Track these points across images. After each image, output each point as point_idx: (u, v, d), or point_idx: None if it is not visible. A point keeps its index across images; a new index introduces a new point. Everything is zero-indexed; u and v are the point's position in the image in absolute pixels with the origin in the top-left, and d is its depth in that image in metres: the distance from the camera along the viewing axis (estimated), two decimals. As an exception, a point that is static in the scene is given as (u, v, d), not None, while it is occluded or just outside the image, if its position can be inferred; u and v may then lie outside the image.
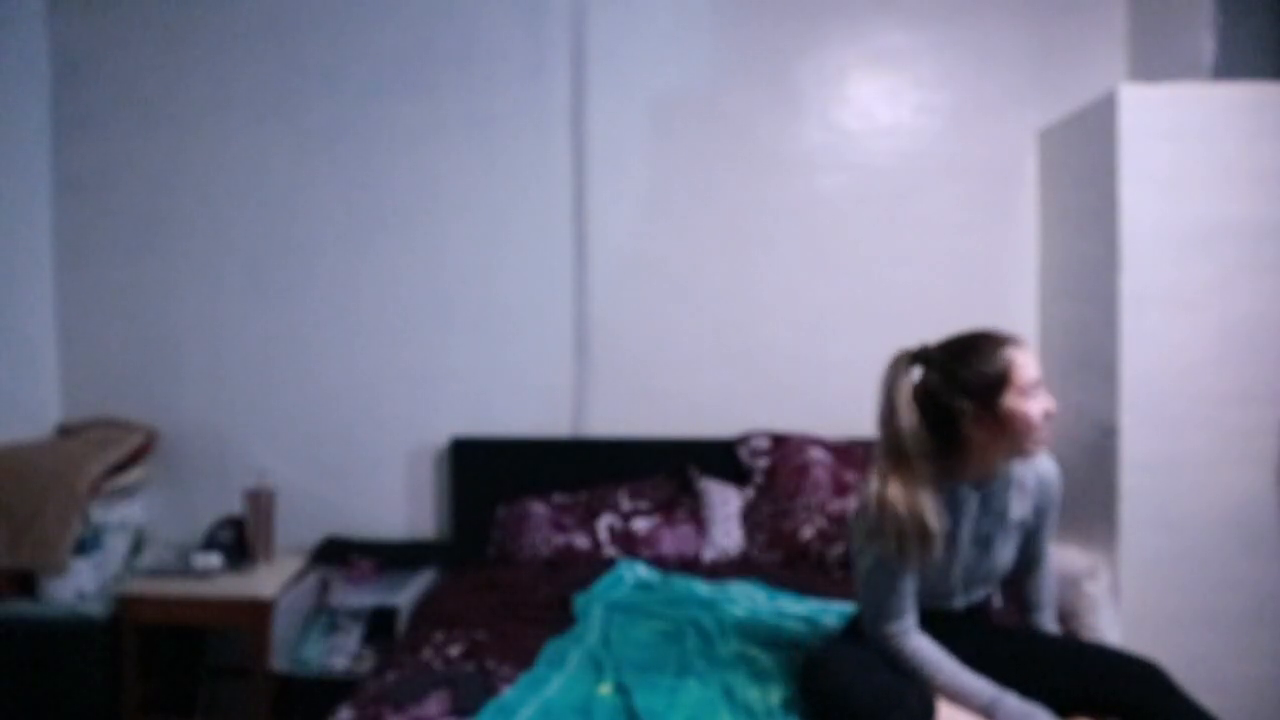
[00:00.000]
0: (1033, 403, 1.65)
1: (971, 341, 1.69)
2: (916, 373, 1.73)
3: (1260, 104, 2.41)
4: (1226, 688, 2.30)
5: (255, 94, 3.05)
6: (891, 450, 1.67)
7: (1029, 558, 1.88)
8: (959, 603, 1.84)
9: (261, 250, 3.07)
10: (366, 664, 2.49)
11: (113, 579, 2.75)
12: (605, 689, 1.85)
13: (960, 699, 1.67)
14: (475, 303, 3.04)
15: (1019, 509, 1.80)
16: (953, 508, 1.73)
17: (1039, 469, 1.83)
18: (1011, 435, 1.66)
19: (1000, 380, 1.65)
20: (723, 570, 2.62)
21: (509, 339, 3.04)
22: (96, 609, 2.60)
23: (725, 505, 2.80)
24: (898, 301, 2.97)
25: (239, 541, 2.83)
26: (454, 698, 1.81)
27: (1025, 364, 1.65)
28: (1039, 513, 1.84)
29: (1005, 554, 1.82)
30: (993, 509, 1.77)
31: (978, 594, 1.86)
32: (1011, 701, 1.63)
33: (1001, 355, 1.66)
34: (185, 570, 2.72)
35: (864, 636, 1.80)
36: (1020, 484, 1.80)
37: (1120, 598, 2.43)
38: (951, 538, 1.74)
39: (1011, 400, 1.64)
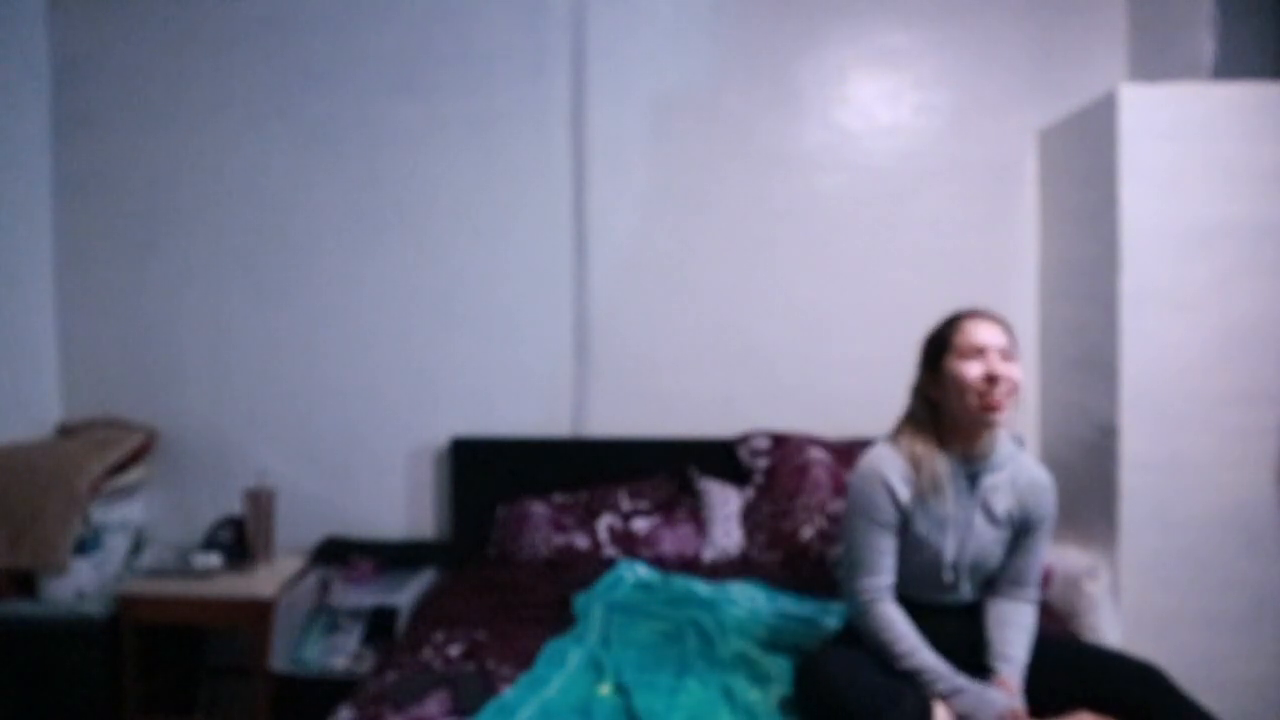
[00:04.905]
0: (968, 365, 1.74)
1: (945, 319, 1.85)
2: None
3: (1260, 104, 2.41)
4: (1226, 688, 2.30)
5: (255, 94, 3.05)
6: (907, 414, 1.87)
7: (1018, 574, 1.84)
8: (954, 595, 1.84)
9: (261, 250, 3.07)
10: (366, 664, 2.49)
11: (113, 579, 2.76)
12: (605, 689, 1.85)
13: (916, 675, 1.70)
14: (475, 302, 3.04)
15: (1004, 501, 1.81)
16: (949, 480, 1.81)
17: (1032, 472, 1.84)
18: (956, 396, 1.75)
19: (942, 345, 1.79)
20: (723, 570, 2.62)
21: (509, 339, 3.04)
22: (96, 609, 2.60)
23: (725, 505, 2.80)
24: (898, 301, 2.97)
25: (239, 541, 2.83)
26: (454, 698, 1.81)
27: (969, 330, 1.77)
28: (1029, 519, 1.82)
29: (993, 547, 1.82)
30: (978, 491, 1.80)
31: (970, 587, 1.86)
32: (962, 682, 1.67)
33: (949, 324, 1.81)
34: (185, 570, 2.72)
35: (860, 639, 1.81)
36: (1012, 480, 1.82)
37: (1120, 598, 2.43)
38: (942, 518, 1.78)
39: (950, 362, 1.76)
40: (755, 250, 3.01)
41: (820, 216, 3.00)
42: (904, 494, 1.78)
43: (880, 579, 1.79)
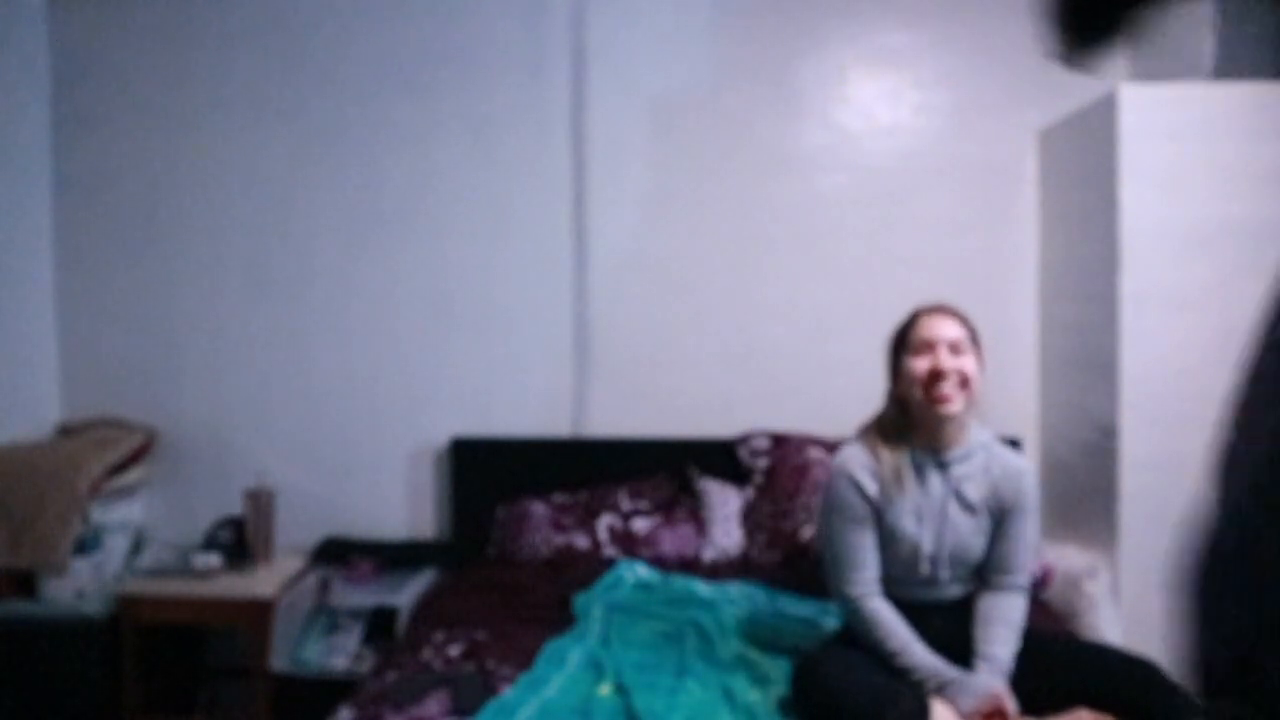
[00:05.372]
0: (917, 360, 1.81)
1: None
2: None
3: (1260, 104, 2.41)
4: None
5: (255, 94, 3.05)
6: (877, 413, 1.93)
7: (1001, 561, 1.84)
8: (938, 591, 1.85)
9: (261, 250, 3.07)
10: (366, 664, 2.49)
11: (112, 579, 2.75)
12: (605, 689, 1.85)
13: (908, 674, 1.72)
14: (475, 302, 3.04)
15: (978, 490, 1.83)
16: (915, 473, 1.84)
17: (1008, 460, 1.87)
18: (908, 390, 1.82)
19: (899, 342, 1.87)
20: (723, 570, 2.62)
21: (509, 339, 3.04)
22: (96, 609, 2.60)
23: (725, 505, 2.80)
24: (898, 301, 2.94)
25: (239, 541, 2.82)
26: (454, 698, 1.81)
27: (920, 326, 1.84)
28: (1006, 504, 1.83)
29: (973, 538, 1.83)
30: (949, 481, 1.83)
31: (955, 583, 1.86)
32: (950, 674, 1.69)
33: (908, 321, 1.89)
34: (185, 570, 2.72)
35: (858, 639, 1.81)
36: (985, 467, 1.85)
37: (1120, 598, 2.43)
38: (916, 509, 1.81)
39: (904, 358, 1.84)
40: (755, 250, 3.01)
41: (820, 216, 3.00)
42: (871, 487, 1.82)
43: (863, 573, 1.82)
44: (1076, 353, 2.71)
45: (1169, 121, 2.41)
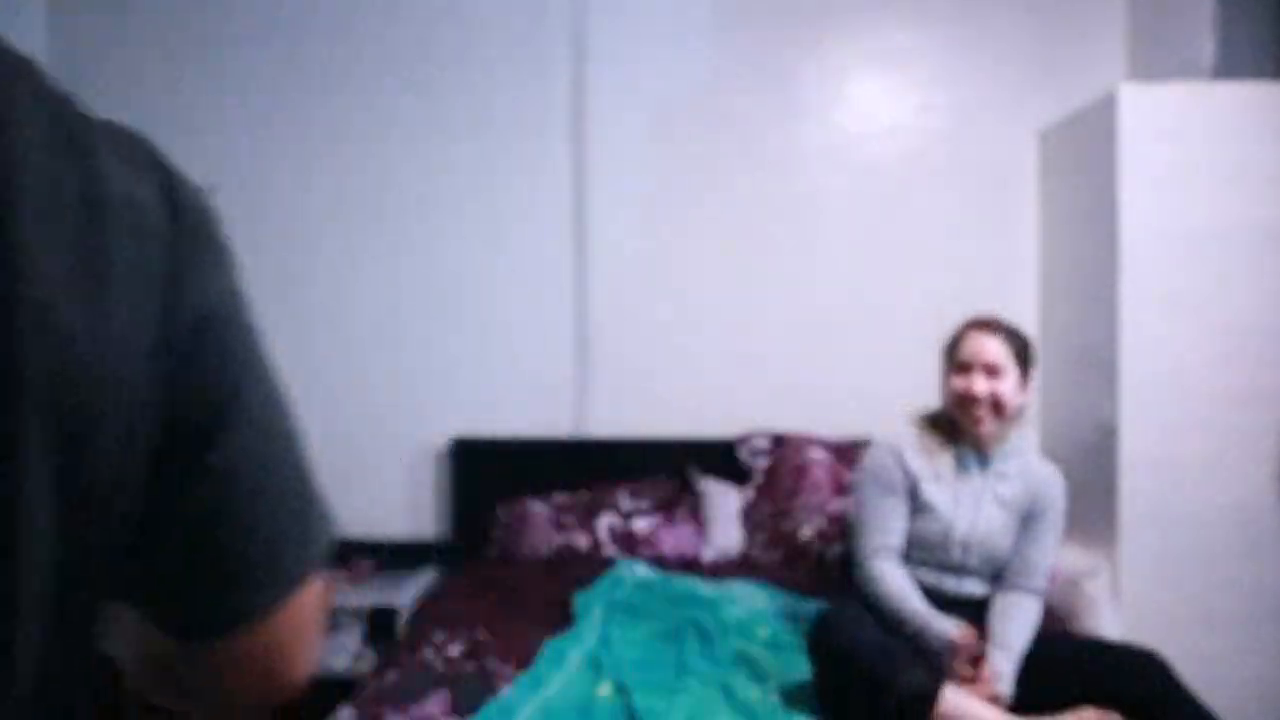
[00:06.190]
0: (955, 379, 1.88)
1: None
2: None
3: (1260, 104, 2.41)
4: (1226, 687, 2.30)
5: (255, 94, 3.05)
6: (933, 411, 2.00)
7: (1023, 563, 1.91)
8: (964, 585, 1.89)
9: (262, 250, 3.06)
10: (367, 664, 2.49)
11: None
12: (605, 689, 1.85)
13: (900, 618, 1.79)
14: (475, 302, 3.04)
15: (1013, 487, 1.91)
16: (958, 465, 1.93)
17: (1043, 469, 1.96)
18: (951, 404, 1.90)
19: (948, 356, 1.92)
20: (723, 570, 2.62)
21: (509, 339, 3.04)
22: (97, 609, 2.59)
23: (725, 505, 2.80)
24: (898, 301, 2.97)
25: (239, 541, 2.82)
26: (454, 698, 1.81)
27: (963, 344, 1.89)
28: (1036, 505, 1.92)
29: (1003, 533, 1.89)
30: (989, 474, 1.91)
31: (979, 576, 1.90)
32: (933, 626, 1.75)
33: (957, 336, 1.92)
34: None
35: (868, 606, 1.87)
36: (1022, 470, 1.93)
37: (1120, 598, 2.43)
38: (953, 494, 1.89)
39: (947, 372, 1.91)
40: (755, 250, 3.01)
41: (820, 217, 3.00)
42: (912, 460, 1.90)
43: (884, 538, 1.87)
44: (1076, 353, 2.71)
45: (1169, 121, 2.41)
